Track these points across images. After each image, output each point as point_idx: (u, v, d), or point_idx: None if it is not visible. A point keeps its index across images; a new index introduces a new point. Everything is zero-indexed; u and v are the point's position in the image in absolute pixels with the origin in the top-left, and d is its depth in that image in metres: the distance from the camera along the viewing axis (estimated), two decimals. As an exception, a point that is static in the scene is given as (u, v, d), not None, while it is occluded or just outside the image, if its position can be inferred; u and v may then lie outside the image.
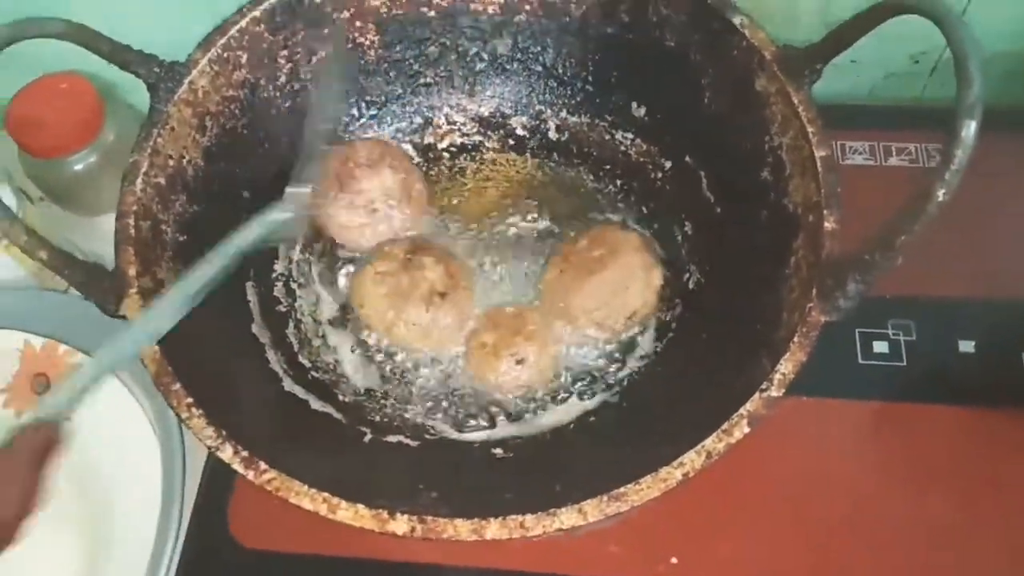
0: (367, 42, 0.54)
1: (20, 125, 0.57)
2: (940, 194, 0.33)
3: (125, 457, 0.51)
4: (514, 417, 0.49)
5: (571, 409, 0.49)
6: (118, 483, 0.51)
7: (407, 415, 0.50)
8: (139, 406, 0.51)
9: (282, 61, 0.52)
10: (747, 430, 0.37)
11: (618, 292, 0.50)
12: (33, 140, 0.57)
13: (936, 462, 0.49)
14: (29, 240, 0.37)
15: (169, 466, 0.50)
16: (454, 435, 0.49)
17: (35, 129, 0.57)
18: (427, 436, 0.48)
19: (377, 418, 0.49)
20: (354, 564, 0.48)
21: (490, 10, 0.54)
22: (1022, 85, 0.60)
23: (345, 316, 0.53)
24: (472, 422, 0.49)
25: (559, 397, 0.50)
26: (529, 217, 0.56)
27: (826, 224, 0.40)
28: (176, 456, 0.50)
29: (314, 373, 0.51)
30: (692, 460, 0.36)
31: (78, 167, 0.59)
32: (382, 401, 0.50)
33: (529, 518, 0.35)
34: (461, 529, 0.35)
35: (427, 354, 0.51)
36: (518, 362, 0.50)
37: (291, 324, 0.52)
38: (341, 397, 0.50)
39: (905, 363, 0.52)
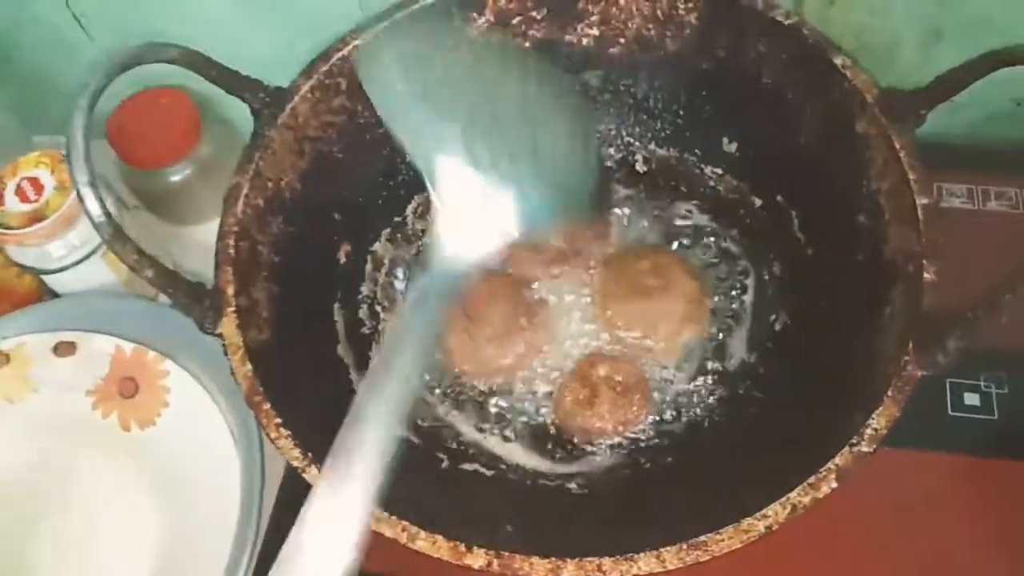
0: (461, 71, 0.55)
1: (120, 136, 0.59)
2: (1051, 256, 0.31)
3: (206, 466, 0.52)
4: (591, 452, 0.49)
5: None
6: (199, 492, 0.52)
7: (483, 444, 0.50)
8: (221, 416, 0.52)
9: (378, 88, 0.52)
10: (835, 485, 0.36)
11: (654, 322, 0.51)
12: (132, 151, 0.59)
13: (1028, 523, 0.47)
14: (139, 260, 0.38)
15: (249, 478, 0.50)
16: (529, 467, 0.49)
17: (134, 141, 0.59)
18: (501, 466, 0.48)
19: (454, 445, 0.49)
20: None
21: (584, 42, 0.53)
22: None
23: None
24: (547, 454, 0.49)
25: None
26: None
27: (926, 275, 0.39)
28: (255, 468, 0.50)
29: (394, 396, 0.51)
30: (776, 512, 0.35)
31: (175, 178, 0.61)
32: (458, 428, 0.50)
33: (607, 562, 0.35)
34: (538, 567, 0.35)
35: (503, 383, 0.52)
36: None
37: (375, 346, 0.53)
38: (419, 422, 0.50)
39: (997, 417, 0.50)
